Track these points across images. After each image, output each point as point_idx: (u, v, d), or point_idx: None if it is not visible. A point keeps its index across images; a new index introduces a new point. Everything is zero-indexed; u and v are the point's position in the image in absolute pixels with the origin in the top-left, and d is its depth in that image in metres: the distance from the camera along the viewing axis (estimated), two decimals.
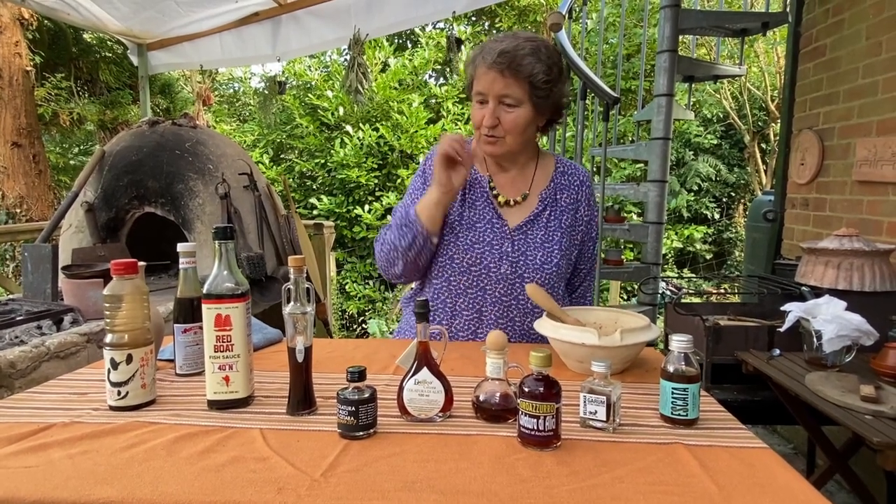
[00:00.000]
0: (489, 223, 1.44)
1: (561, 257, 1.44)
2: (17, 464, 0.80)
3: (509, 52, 1.32)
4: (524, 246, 1.43)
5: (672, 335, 0.94)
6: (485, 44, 1.38)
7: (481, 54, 1.36)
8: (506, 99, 1.35)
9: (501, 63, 1.31)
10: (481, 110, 1.37)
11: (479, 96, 1.38)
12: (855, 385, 1.48)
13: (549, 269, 1.42)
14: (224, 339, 0.99)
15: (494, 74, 1.33)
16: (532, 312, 1.42)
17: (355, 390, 0.89)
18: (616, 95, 2.87)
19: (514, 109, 1.36)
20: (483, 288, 1.42)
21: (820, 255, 2.04)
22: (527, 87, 1.35)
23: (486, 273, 1.41)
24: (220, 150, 3.24)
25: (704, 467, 0.78)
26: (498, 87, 1.34)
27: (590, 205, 1.53)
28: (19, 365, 1.66)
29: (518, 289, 1.41)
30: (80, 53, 7.34)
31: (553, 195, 1.49)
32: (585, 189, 1.52)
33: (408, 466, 0.79)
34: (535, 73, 1.33)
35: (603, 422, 0.89)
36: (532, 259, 1.42)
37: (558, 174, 1.51)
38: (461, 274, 1.43)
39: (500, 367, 0.93)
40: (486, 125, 1.36)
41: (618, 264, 3.23)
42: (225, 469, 0.78)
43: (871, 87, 2.42)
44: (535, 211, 1.46)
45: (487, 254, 1.41)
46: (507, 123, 1.37)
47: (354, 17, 3.83)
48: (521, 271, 1.41)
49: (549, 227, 1.46)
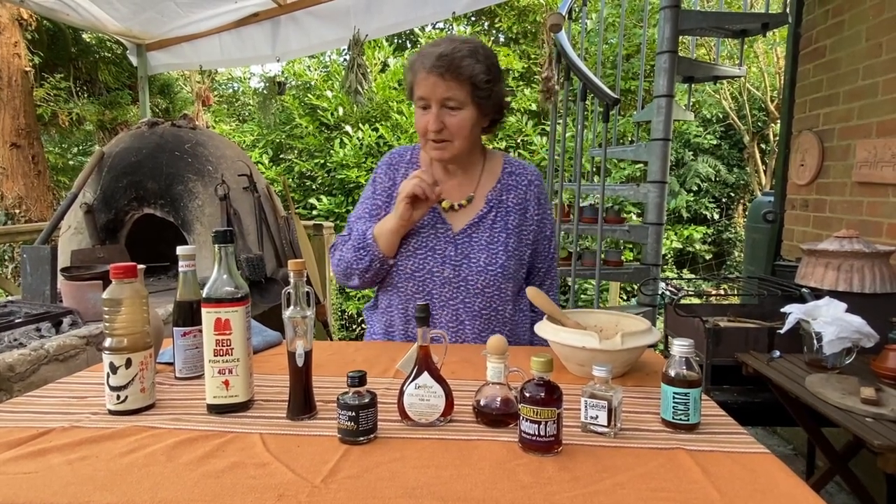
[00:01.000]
0: (433, 228, 1.45)
1: (507, 258, 1.43)
2: (16, 469, 0.80)
3: (448, 55, 1.32)
4: (468, 249, 1.44)
5: (673, 339, 0.94)
6: (422, 49, 1.38)
7: (419, 59, 1.36)
8: (449, 102, 1.36)
9: (441, 66, 1.32)
10: (425, 116, 1.38)
11: (422, 101, 1.38)
12: (855, 387, 1.48)
13: (494, 270, 1.42)
14: (224, 343, 0.99)
15: (435, 78, 1.33)
16: (480, 315, 1.43)
17: (356, 395, 0.88)
18: (616, 96, 2.86)
19: (458, 112, 1.37)
20: (430, 292, 1.43)
21: (820, 256, 2.04)
22: (469, 88, 1.35)
23: (430, 278, 1.43)
24: (219, 151, 3.23)
25: (706, 473, 0.77)
26: (440, 91, 1.34)
27: (540, 203, 1.52)
28: (18, 368, 1.65)
29: (463, 292, 1.42)
30: (80, 54, 7.33)
31: (499, 196, 1.49)
32: (534, 188, 1.52)
33: (409, 472, 0.79)
34: (475, 73, 1.35)
35: (604, 427, 0.89)
36: (475, 261, 1.42)
37: (506, 174, 1.52)
38: (408, 280, 1.44)
39: (500, 371, 0.93)
40: (432, 130, 1.37)
41: (618, 265, 3.23)
42: (225, 475, 0.78)
43: (871, 89, 2.42)
44: (481, 213, 1.47)
45: (430, 259, 1.43)
46: (453, 126, 1.37)
47: (354, 17, 3.82)
48: (464, 274, 1.42)
49: (495, 228, 1.46)
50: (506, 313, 1.46)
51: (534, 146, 6.69)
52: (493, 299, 1.43)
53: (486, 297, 1.42)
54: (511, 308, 1.47)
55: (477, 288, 1.41)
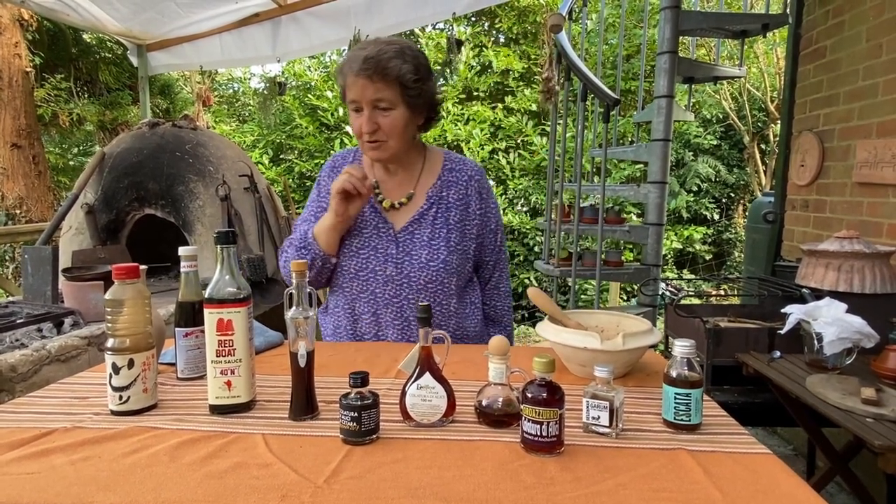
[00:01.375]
0: (375, 228, 1.48)
1: (449, 253, 1.46)
2: (19, 470, 0.80)
3: (374, 57, 1.34)
4: (409, 246, 1.46)
5: (675, 340, 0.94)
6: (350, 53, 1.41)
7: (347, 63, 1.38)
8: (380, 103, 1.38)
9: (368, 69, 1.34)
10: (358, 118, 1.41)
11: (354, 104, 1.40)
12: (856, 388, 1.48)
13: (436, 265, 1.44)
14: (226, 343, 0.99)
15: (364, 81, 1.36)
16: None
17: (358, 396, 0.88)
18: (616, 97, 2.86)
19: (390, 112, 1.40)
20: (373, 291, 1.46)
21: (820, 257, 2.04)
22: (398, 88, 1.38)
23: (373, 277, 1.45)
24: (220, 151, 3.24)
25: (708, 473, 0.78)
26: (369, 93, 1.37)
27: (482, 198, 1.55)
28: (20, 368, 1.66)
29: (406, 289, 1.44)
30: (80, 54, 7.33)
31: (440, 192, 1.51)
32: (475, 184, 1.54)
33: (411, 473, 0.79)
34: (403, 73, 1.37)
35: (606, 427, 0.89)
36: (417, 258, 1.45)
37: (446, 171, 1.54)
38: (352, 279, 1.47)
39: (502, 371, 0.93)
40: (366, 132, 1.40)
41: (618, 265, 3.23)
42: (228, 475, 0.78)
43: (871, 89, 2.43)
44: (421, 210, 1.49)
45: (372, 258, 1.45)
46: (386, 127, 1.40)
47: (354, 18, 3.83)
48: (406, 271, 1.44)
49: (436, 224, 1.48)
50: (451, 307, 1.48)
51: (534, 146, 6.69)
52: (437, 294, 1.45)
53: (430, 292, 1.45)
54: (456, 302, 1.49)
55: (420, 284, 1.44)
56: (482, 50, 7.20)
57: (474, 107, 6.95)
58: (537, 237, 6.32)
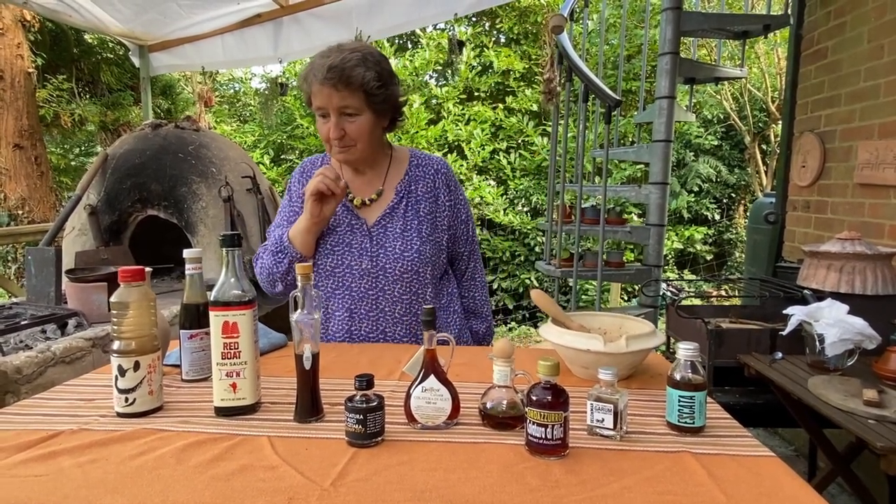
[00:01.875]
0: (348, 225, 1.51)
1: (422, 243, 1.49)
2: (26, 472, 0.81)
3: (337, 66, 1.36)
4: (383, 238, 1.49)
5: (679, 343, 0.95)
6: (313, 61, 1.42)
7: (312, 71, 1.40)
8: (346, 110, 1.41)
9: (333, 78, 1.36)
10: (326, 124, 1.43)
11: (321, 111, 1.43)
12: (858, 389, 1.49)
13: (410, 255, 1.47)
14: (231, 346, 1.00)
15: (329, 90, 1.38)
16: (400, 300, 1.48)
17: (363, 398, 0.89)
18: (618, 98, 2.87)
19: (356, 118, 1.42)
20: (349, 287, 1.48)
21: (822, 258, 2.04)
22: (362, 95, 1.40)
23: (349, 272, 1.48)
24: (222, 152, 3.24)
25: (712, 476, 0.78)
26: (335, 101, 1.39)
27: (450, 189, 1.59)
28: (25, 370, 1.66)
29: (382, 281, 1.47)
30: (82, 55, 7.33)
31: (408, 186, 1.55)
32: (441, 177, 1.58)
33: (417, 475, 0.79)
34: (367, 80, 1.39)
35: (610, 430, 0.89)
36: (391, 250, 1.48)
37: (413, 167, 1.58)
38: (327, 277, 1.50)
39: (506, 374, 0.94)
40: (334, 138, 1.42)
41: (619, 266, 3.24)
42: (234, 478, 0.79)
43: (872, 90, 2.43)
44: (392, 204, 1.53)
45: (347, 254, 1.48)
46: (353, 132, 1.43)
47: (356, 19, 3.83)
48: (382, 263, 1.47)
49: (407, 216, 1.52)
50: (426, 296, 1.51)
51: (535, 146, 6.69)
52: (412, 283, 1.48)
53: (405, 282, 1.48)
54: (431, 291, 1.52)
55: (395, 275, 1.47)
56: (483, 50, 7.20)
57: (475, 107, 6.95)
58: (538, 237, 6.33)
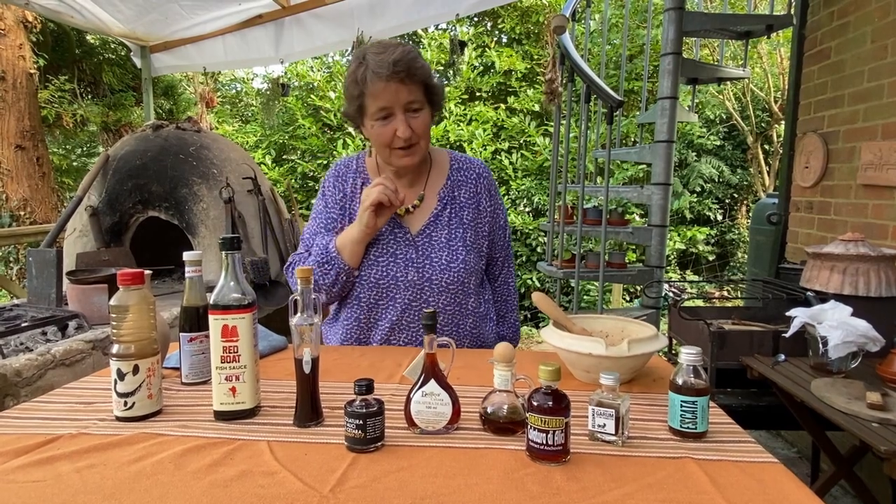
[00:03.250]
0: (391, 234, 1.46)
1: (467, 253, 1.46)
2: (25, 478, 0.80)
3: (402, 59, 1.33)
4: (428, 249, 1.45)
5: (681, 347, 0.94)
6: (367, 61, 1.35)
7: (370, 70, 1.34)
8: (412, 105, 1.37)
9: (401, 72, 1.32)
10: (390, 125, 1.37)
11: (383, 112, 1.37)
12: (861, 392, 1.48)
13: (456, 266, 1.43)
14: (231, 349, 0.99)
15: (396, 85, 1.33)
16: (444, 311, 1.45)
17: (363, 403, 0.88)
18: (620, 99, 2.86)
19: (420, 113, 1.39)
20: (393, 297, 1.43)
21: (825, 259, 2.03)
22: (423, 89, 1.39)
23: (394, 283, 1.43)
24: (224, 154, 3.24)
25: (715, 483, 0.77)
26: (403, 96, 1.35)
27: (491, 195, 1.56)
28: (25, 373, 1.66)
29: (427, 292, 1.43)
30: (83, 55, 7.34)
31: (451, 193, 1.51)
32: (483, 181, 1.55)
33: (416, 482, 0.78)
34: (427, 73, 1.39)
35: (612, 435, 0.89)
36: (437, 260, 1.44)
37: (454, 171, 1.54)
38: (371, 289, 1.44)
39: (507, 379, 0.93)
40: (405, 136, 1.36)
41: (621, 267, 3.23)
42: (233, 484, 0.78)
43: (876, 91, 2.42)
44: (435, 211, 1.49)
45: (392, 264, 1.43)
46: (419, 128, 1.39)
47: (357, 19, 3.83)
48: (427, 274, 1.43)
49: (452, 224, 1.48)
50: (469, 306, 1.47)
51: (536, 147, 6.68)
52: (458, 294, 1.45)
53: (451, 293, 1.44)
54: (474, 301, 1.49)
55: (441, 286, 1.43)
56: (485, 50, 7.19)
57: (477, 107, 6.95)
58: (540, 238, 6.32)
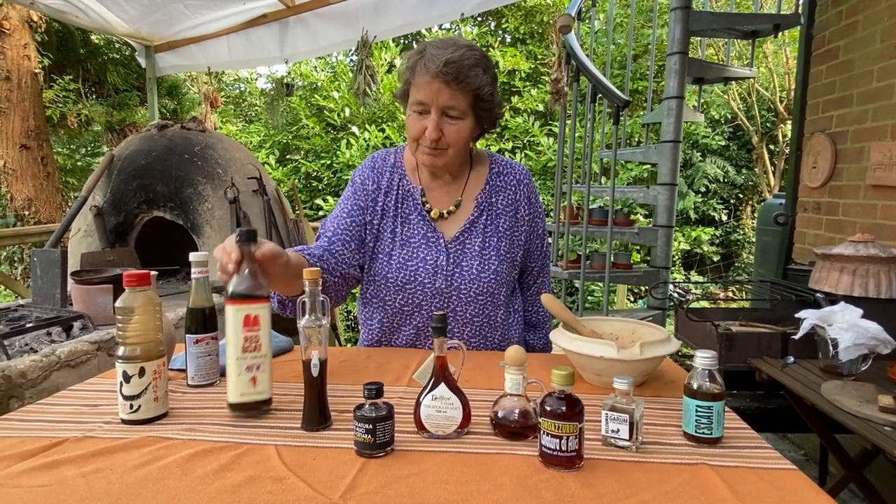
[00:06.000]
0: (424, 238, 1.40)
1: (499, 263, 1.40)
2: (30, 482, 0.79)
3: (455, 62, 1.25)
4: (460, 257, 1.39)
5: (696, 351, 0.92)
6: (425, 50, 1.29)
7: (422, 61, 1.27)
8: (450, 111, 1.30)
9: (448, 73, 1.25)
10: (421, 121, 1.31)
11: (420, 106, 1.30)
12: (872, 394, 1.46)
13: (486, 276, 1.38)
14: (252, 339, 0.98)
15: (439, 85, 1.26)
16: (472, 322, 1.40)
17: (372, 407, 0.87)
18: (626, 98, 2.85)
19: (458, 122, 1.31)
20: (419, 304, 1.38)
21: (834, 261, 2.01)
22: (471, 99, 1.30)
23: (421, 289, 1.37)
24: (228, 154, 3.23)
25: (733, 491, 0.75)
26: (443, 99, 1.28)
27: (531, 202, 1.48)
28: (30, 375, 1.65)
29: (455, 301, 1.38)
30: (88, 55, 7.35)
31: (489, 199, 1.44)
32: (524, 188, 1.47)
33: (427, 488, 0.77)
34: (482, 85, 1.29)
35: (626, 441, 0.87)
36: (468, 269, 1.38)
37: (493, 175, 1.47)
38: (397, 292, 1.39)
39: (519, 382, 0.91)
40: (431, 138, 1.30)
41: (627, 268, 3.21)
42: (241, 490, 0.77)
43: (886, 91, 2.39)
44: (471, 218, 1.42)
45: (422, 270, 1.38)
46: (451, 136, 1.31)
47: (362, 19, 3.82)
48: (456, 283, 1.37)
49: (487, 232, 1.42)
50: (497, 318, 1.42)
51: (540, 147, 6.67)
52: (486, 305, 1.40)
53: (479, 304, 1.39)
54: (503, 312, 1.43)
55: (470, 296, 1.38)
56: (489, 50, 7.18)
57: None
58: None
